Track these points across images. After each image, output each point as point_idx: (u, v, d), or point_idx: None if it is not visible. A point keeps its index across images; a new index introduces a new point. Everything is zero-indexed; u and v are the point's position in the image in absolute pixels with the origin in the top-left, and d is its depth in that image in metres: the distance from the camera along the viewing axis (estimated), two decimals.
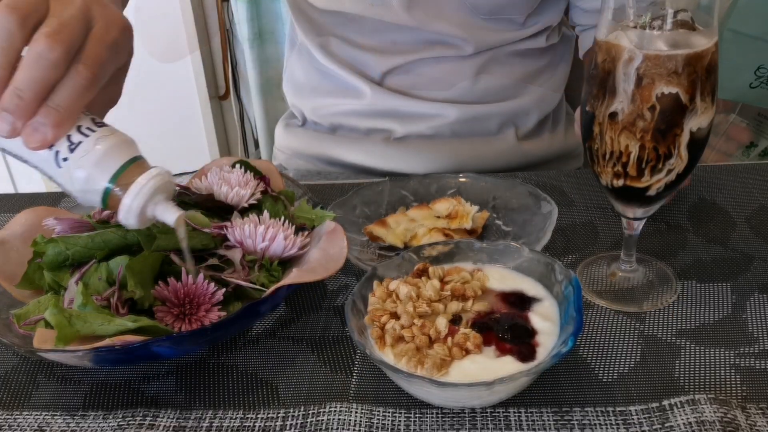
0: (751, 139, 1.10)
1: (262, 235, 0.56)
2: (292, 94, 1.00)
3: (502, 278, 0.53)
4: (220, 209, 0.62)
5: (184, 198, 0.63)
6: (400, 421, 0.47)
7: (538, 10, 0.88)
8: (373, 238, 0.66)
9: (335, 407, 0.48)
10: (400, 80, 0.90)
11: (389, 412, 0.48)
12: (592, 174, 0.55)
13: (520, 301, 0.50)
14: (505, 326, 0.48)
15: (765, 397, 0.47)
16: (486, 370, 0.45)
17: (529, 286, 0.52)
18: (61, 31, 0.42)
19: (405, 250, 0.57)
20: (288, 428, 0.47)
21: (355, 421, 0.47)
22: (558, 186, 0.75)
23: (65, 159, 0.45)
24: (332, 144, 0.96)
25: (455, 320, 0.49)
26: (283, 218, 0.58)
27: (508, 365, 0.45)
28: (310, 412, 0.48)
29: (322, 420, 0.47)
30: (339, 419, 0.47)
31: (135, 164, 0.47)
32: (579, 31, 0.94)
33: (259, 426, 0.48)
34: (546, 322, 0.48)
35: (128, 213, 0.47)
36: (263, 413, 0.49)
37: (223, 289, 0.52)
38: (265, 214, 0.59)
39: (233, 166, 0.66)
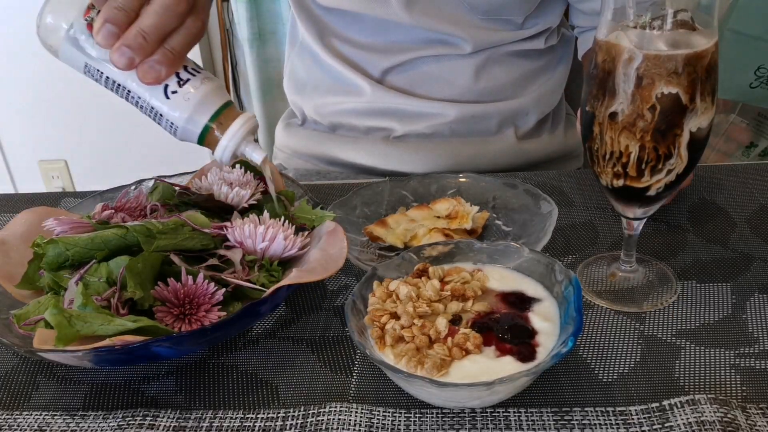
0: (751, 139, 1.10)
1: (262, 235, 0.56)
2: (292, 91, 1.01)
3: (502, 278, 0.53)
4: (220, 209, 0.62)
5: (184, 198, 0.63)
6: (400, 421, 0.47)
7: (536, 12, 0.88)
8: (373, 239, 0.66)
9: (335, 407, 0.48)
10: (400, 78, 0.90)
11: (389, 412, 0.48)
12: (592, 174, 0.55)
13: (520, 302, 0.50)
14: (505, 326, 0.48)
15: (765, 398, 0.47)
16: (486, 371, 0.45)
17: (529, 287, 0.52)
18: None
19: (405, 250, 0.57)
20: (288, 428, 0.47)
21: (355, 421, 0.47)
22: (558, 186, 0.75)
23: (174, 92, 0.52)
24: (332, 143, 0.96)
25: (455, 320, 0.49)
26: (283, 218, 0.58)
27: (508, 365, 0.45)
28: (310, 412, 0.48)
29: (322, 420, 0.47)
30: (339, 419, 0.47)
31: (230, 107, 0.54)
32: (578, 33, 0.94)
33: (259, 426, 0.48)
34: (546, 323, 0.48)
35: (224, 151, 0.54)
36: (263, 413, 0.49)
37: (223, 290, 0.52)
38: (265, 214, 0.59)
39: (233, 166, 0.66)
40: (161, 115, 0.53)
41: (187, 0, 0.49)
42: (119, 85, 0.53)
